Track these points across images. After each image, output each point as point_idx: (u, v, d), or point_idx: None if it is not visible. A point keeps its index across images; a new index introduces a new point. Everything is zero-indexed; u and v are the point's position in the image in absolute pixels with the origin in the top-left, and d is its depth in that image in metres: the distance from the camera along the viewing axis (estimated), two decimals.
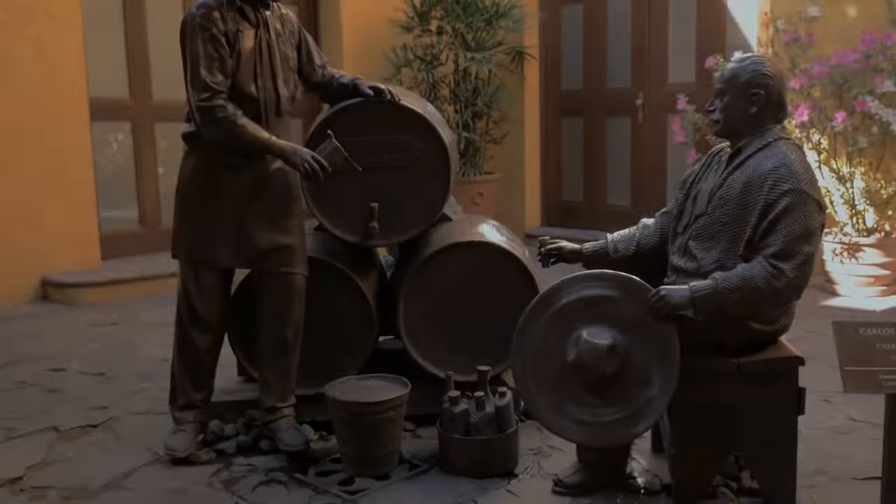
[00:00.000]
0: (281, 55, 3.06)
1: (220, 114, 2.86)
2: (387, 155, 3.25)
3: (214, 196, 3.02)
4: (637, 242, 2.96)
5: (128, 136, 6.57)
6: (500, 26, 7.28)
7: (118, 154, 6.60)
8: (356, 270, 3.36)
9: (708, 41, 6.68)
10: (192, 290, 3.08)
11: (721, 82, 2.69)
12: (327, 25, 7.54)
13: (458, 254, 3.30)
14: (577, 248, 3.02)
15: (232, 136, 2.89)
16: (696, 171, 2.86)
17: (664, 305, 2.47)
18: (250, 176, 3.03)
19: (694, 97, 6.19)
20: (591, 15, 7.50)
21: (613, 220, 7.46)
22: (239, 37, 2.92)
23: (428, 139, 3.25)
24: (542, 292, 2.69)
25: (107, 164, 6.53)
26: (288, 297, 3.11)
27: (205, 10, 2.88)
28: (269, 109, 3.02)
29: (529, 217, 7.98)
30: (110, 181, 6.50)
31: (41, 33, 5.73)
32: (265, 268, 3.10)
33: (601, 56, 7.48)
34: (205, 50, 2.86)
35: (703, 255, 2.63)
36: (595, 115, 7.60)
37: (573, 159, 7.88)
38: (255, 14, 2.99)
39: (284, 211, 3.10)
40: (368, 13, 7.48)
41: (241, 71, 2.92)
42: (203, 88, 2.85)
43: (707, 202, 2.66)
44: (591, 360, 2.51)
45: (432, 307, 3.33)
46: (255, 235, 3.06)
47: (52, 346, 4.71)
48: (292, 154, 2.94)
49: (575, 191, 7.90)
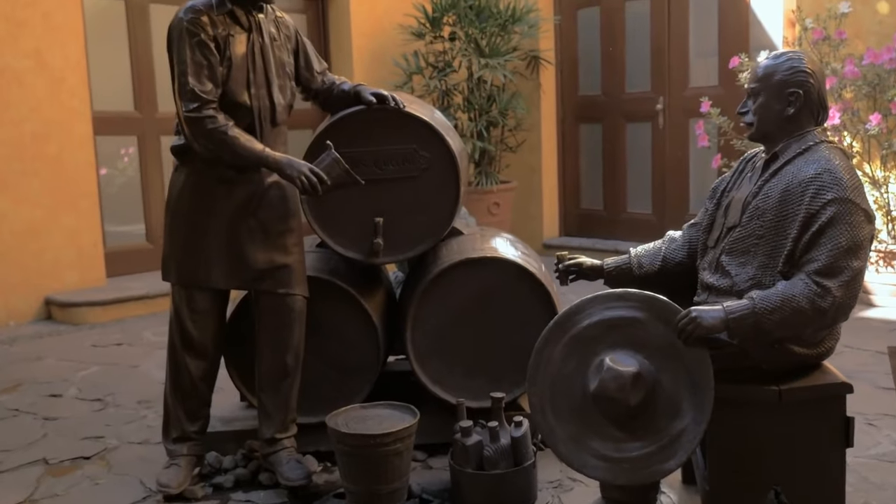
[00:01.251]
0: (276, 61, 2.85)
1: (209, 125, 2.66)
2: (391, 166, 3.04)
3: (206, 213, 2.82)
4: (663, 257, 2.71)
5: (134, 150, 6.41)
6: (515, 31, 7.07)
7: (127, 168, 6.43)
8: (361, 290, 3.14)
9: (731, 42, 6.42)
10: (184, 313, 2.88)
11: (754, 81, 2.45)
12: (336, 32, 7.36)
13: (470, 271, 3.08)
14: (597, 263, 2.78)
15: (223, 148, 2.68)
16: (728, 179, 2.62)
17: (695, 328, 2.23)
18: (244, 191, 2.82)
19: (717, 100, 5.93)
20: (608, 18, 7.27)
21: (634, 229, 7.23)
22: (230, 42, 2.72)
23: (435, 148, 3.03)
24: (559, 314, 2.45)
25: (114, 179, 6.37)
26: (287, 320, 2.90)
27: (192, 14, 2.68)
28: (263, 119, 2.81)
29: (547, 227, 7.74)
30: (118, 196, 6.34)
31: (40, 45, 5.58)
32: (262, 289, 2.90)
33: (619, 60, 7.24)
34: (192, 57, 2.66)
35: (738, 272, 2.38)
36: (614, 121, 7.36)
37: (592, 167, 7.64)
38: (248, 17, 2.79)
39: (282, 227, 2.89)
40: (378, 19, 7.30)
41: (232, 78, 2.72)
42: (191, 98, 2.65)
43: (741, 213, 2.42)
44: (614, 389, 2.27)
45: (442, 328, 3.11)
46: (251, 254, 2.85)
47: (52, 369, 4.54)
48: (288, 166, 2.73)
49: (594, 199, 7.65)
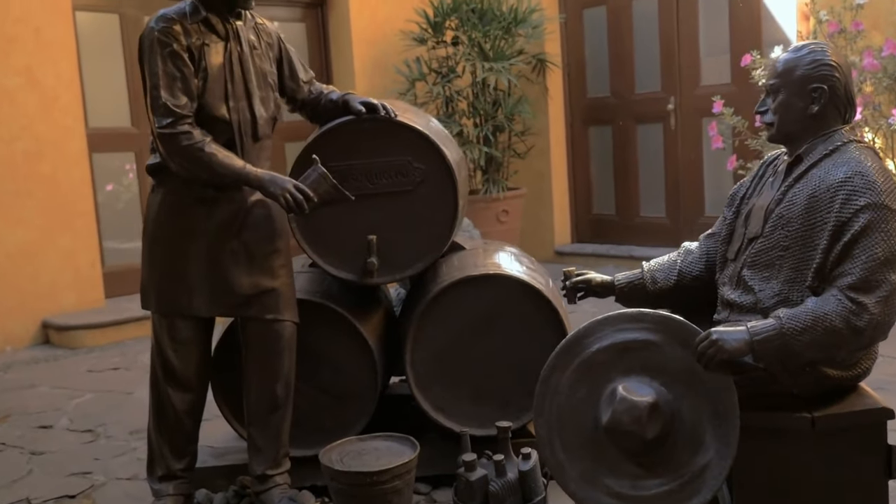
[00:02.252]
0: (256, 71, 2.66)
1: (184, 141, 2.47)
2: (384, 179, 2.84)
3: (186, 235, 2.63)
4: (678, 272, 2.50)
5: (132, 167, 6.25)
6: (520, 34, 6.87)
7: (130, 186, 6.27)
8: (356, 312, 2.94)
9: (743, 38, 6.20)
10: (165, 343, 2.69)
11: (773, 77, 2.23)
12: (337, 41, 7.19)
13: (471, 289, 2.88)
14: (607, 280, 2.57)
15: (199, 166, 2.50)
16: (748, 185, 2.40)
17: (717, 352, 2.01)
18: (226, 211, 2.63)
19: (730, 99, 5.70)
20: (615, 17, 7.05)
21: (648, 234, 7.00)
22: (205, 52, 2.53)
23: (430, 159, 2.83)
24: (566, 337, 2.24)
25: (114, 197, 6.21)
26: (275, 347, 2.71)
27: (164, 23, 2.50)
28: (244, 133, 2.62)
29: (558, 233, 7.52)
30: (118, 215, 6.18)
31: (32, 62, 5.43)
32: (248, 315, 2.70)
33: (628, 60, 7.02)
34: (165, 69, 2.47)
35: (762, 287, 2.17)
36: (624, 123, 7.14)
37: (603, 171, 7.42)
38: (224, 25, 2.60)
39: (267, 249, 2.70)
40: (379, 26, 7.12)
41: (208, 91, 2.53)
42: (164, 113, 2.47)
43: (763, 222, 2.20)
44: (629, 421, 2.06)
45: (444, 351, 2.90)
46: (235, 279, 2.66)
47: (44, 397, 4.37)
48: (271, 183, 2.53)
49: (606, 204, 7.43)
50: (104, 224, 5.96)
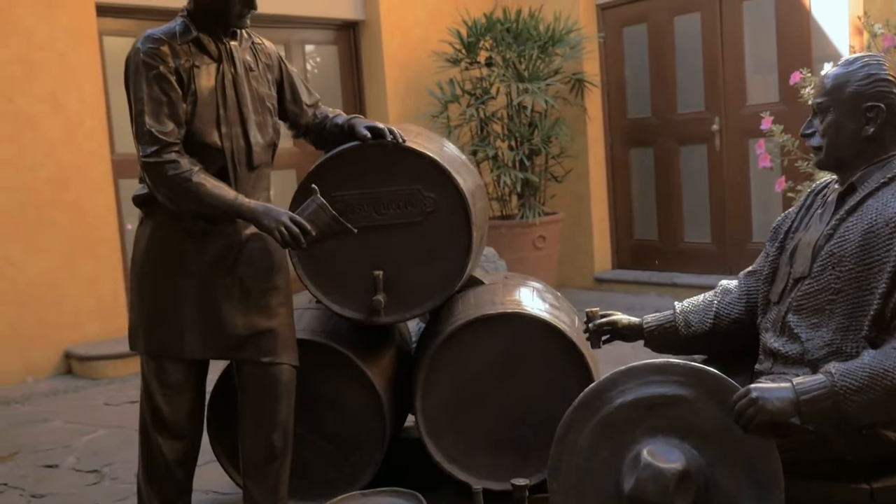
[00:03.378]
0: (253, 94, 2.47)
1: (170, 171, 2.28)
2: (392, 210, 2.62)
3: (176, 272, 2.43)
4: (715, 314, 2.22)
5: None
6: (556, 53, 6.64)
7: None
8: (364, 353, 2.72)
9: (791, 55, 5.88)
10: (154, 387, 2.49)
11: (822, 95, 1.96)
12: (369, 62, 7.04)
13: (488, 329, 2.64)
14: (635, 322, 2.31)
15: (187, 197, 2.30)
16: (793, 216, 2.13)
17: (757, 412, 1.74)
18: (219, 245, 2.43)
19: (778, 119, 5.38)
20: (656, 34, 6.78)
21: (693, 260, 6.67)
22: (195, 73, 2.34)
23: (442, 188, 2.61)
24: (586, 390, 1.99)
25: None
26: (272, 393, 2.49)
27: (150, 44, 2.32)
28: (237, 162, 2.42)
29: (598, 259, 7.22)
30: None
31: (56, 88, 5.35)
32: (243, 358, 2.49)
33: (670, 79, 6.73)
34: (150, 93, 2.29)
35: (810, 336, 1.89)
36: (666, 145, 6.84)
37: (644, 194, 7.11)
38: (217, 45, 2.41)
39: (265, 286, 2.49)
40: (413, 48, 6.95)
41: (198, 116, 2.34)
42: (149, 141, 2.28)
43: (811, 260, 1.93)
44: (654, 491, 1.79)
45: (457, 397, 2.67)
46: (228, 318, 2.45)
47: (56, 433, 4.22)
48: (265, 216, 2.33)
49: (648, 229, 7.12)
50: (129, 251, 5.84)
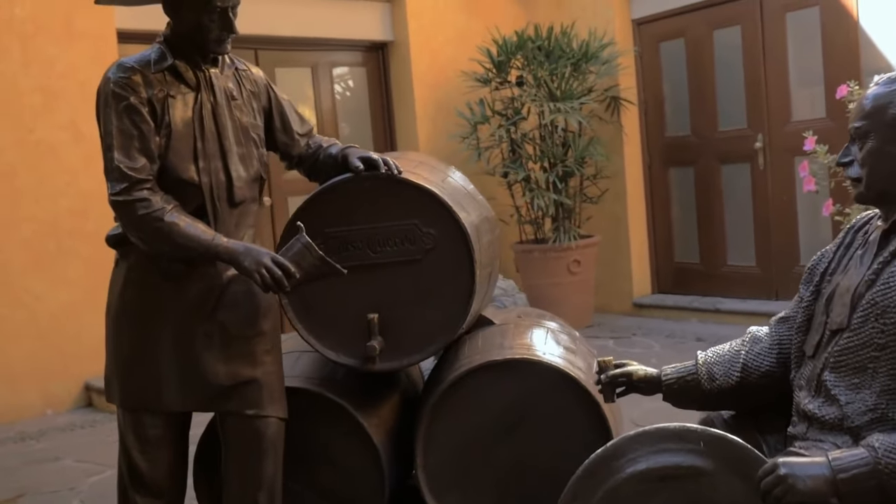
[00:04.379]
0: (235, 124, 2.28)
1: (140, 210, 2.10)
2: (389, 247, 2.41)
3: (152, 317, 2.26)
4: (742, 366, 1.96)
5: None
6: (591, 70, 6.40)
7: None
8: (361, 402, 2.51)
9: (838, 67, 5.55)
10: (131, 442, 2.31)
11: (861, 118, 1.71)
12: (398, 83, 6.88)
13: (495, 377, 2.41)
14: (652, 374, 2.06)
15: (159, 238, 2.13)
16: (830, 256, 1.86)
17: (787, 492, 1.48)
18: (198, 287, 2.25)
19: (825, 135, 5.06)
20: (694, 49, 6.49)
21: (737, 284, 6.34)
22: (169, 104, 2.17)
23: (442, 223, 2.39)
24: (590, 458, 1.74)
25: None
26: (258, 448, 2.29)
27: (122, 73, 2.15)
28: (217, 198, 2.24)
29: (637, 283, 6.92)
30: None
31: (77, 117, 5.27)
32: (226, 410, 2.30)
33: (710, 95, 6.43)
34: (119, 126, 2.12)
35: (850, 398, 1.62)
36: (707, 164, 6.53)
37: (685, 215, 6.80)
38: (195, 73, 2.24)
39: (248, 332, 2.30)
40: (442, 68, 6.77)
41: (172, 149, 2.17)
42: (118, 178, 2.11)
43: (850, 310, 1.66)
44: None
45: (462, 451, 2.44)
46: (209, 367, 2.26)
47: (64, 473, 4.09)
48: (244, 256, 2.14)
49: (689, 251, 6.80)
50: None
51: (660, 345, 5.82)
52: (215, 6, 2.15)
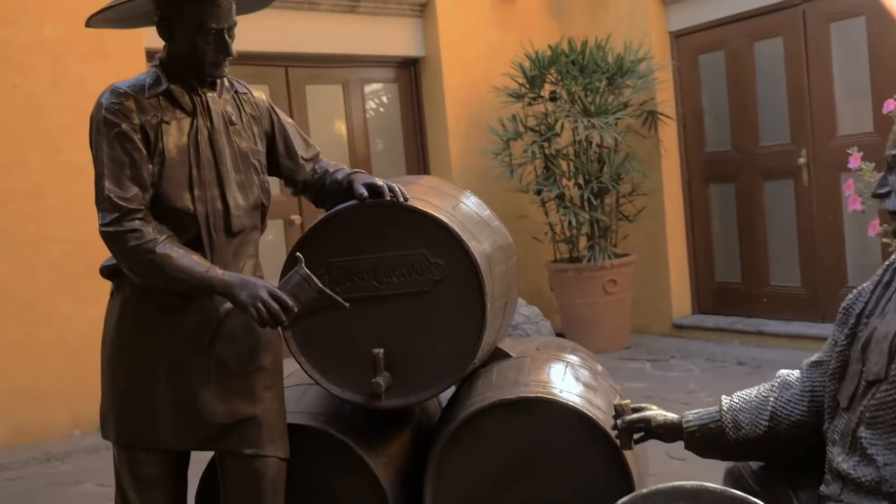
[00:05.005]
0: (233, 150, 2.19)
1: (131, 241, 2.02)
2: (395, 278, 2.29)
3: (148, 351, 2.16)
4: (771, 414, 1.79)
5: None
6: (627, 85, 6.23)
7: None
8: (368, 439, 2.38)
9: (886, 79, 5.30)
10: (126, 482, 2.21)
11: None
12: (430, 99, 6.79)
13: (508, 416, 2.27)
14: (672, 420, 1.90)
15: (150, 270, 2.03)
16: (867, 295, 1.69)
17: None
18: (194, 320, 2.15)
19: (872, 150, 4.82)
20: (734, 61, 6.28)
21: (781, 305, 6.10)
22: (163, 130, 2.08)
23: (451, 253, 2.25)
24: None
25: None
26: (257, 489, 2.18)
27: (114, 98, 2.07)
28: (213, 227, 2.14)
29: (677, 304, 6.70)
30: None
31: None
32: (224, 449, 2.20)
33: (751, 109, 6.21)
34: (111, 153, 2.04)
35: (888, 459, 1.45)
36: (749, 180, 6.31)
37: (726, 233, 6.58)
38: (191, 97, 2.14)
39: (248, 367, 2.19)
40: (475, 84, 6.66)
41: (166, 177, 2.08)
42: (109, 208, 2.03)
43: (888, 359, 1.50)
44: None
45: (474, 493, 2.30)
46: (206, 404, 2.16)
47: (83, 498, 4.09)
48: (240, 289, 2.04)
49: (730, 270, 6.56)
50: None
51: (699, 368, 5.61)
52: (209, 28, 2.06)
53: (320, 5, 6.20)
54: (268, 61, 6.10)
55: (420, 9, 6.66)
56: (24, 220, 4.95)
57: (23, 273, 4.96)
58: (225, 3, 2.06)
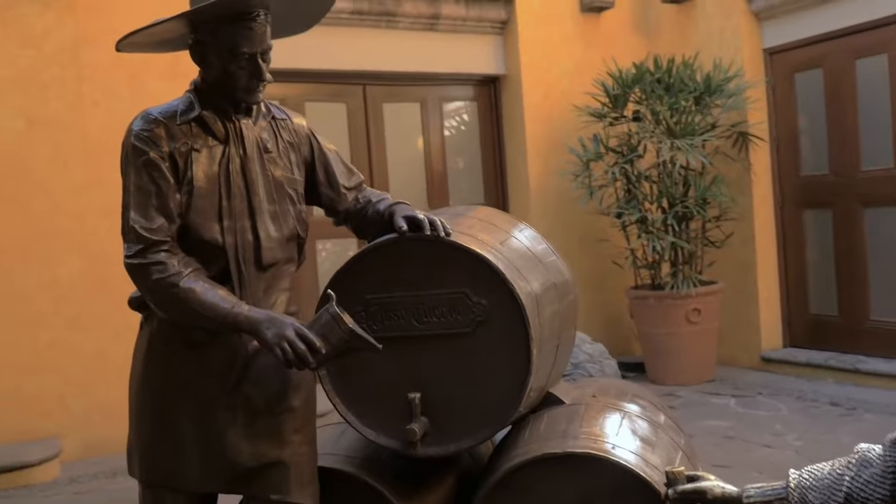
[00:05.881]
0: (267, 179, 2.08)
1: (154, 274, 1.92)
2: (435, 318, 2.13)
3: (174, 388, 2.07)
4: (846, 496, 1.56)
5: None
6: (716, 104, 5.93)
7: None
8: (406, 487, 2.22)
9: None
10: None
11: None
12: (509, 118, 6.63)
13: (553, 472, 2.07)
14: (731, 493, 1.68)
15: (174, 306, 1.94)
16: None
17: None
18: (219, 358, 2.04)
19: None
20: (834, 80, 5.90)
21: (882, 342, 5.67)
22: (193, 158, 1.99)
23: (496, 292, 2.08)
24: None
25: None
26: None
27: (144, 125, 1.99)
28: (243, 260, 2.03)
29: (767, 336, 6.32)
30: None
31: None
32: (250, 493, 2.08)
33: (851, 131, 5.82)
34: (138, 182, 1.95)
35: None
36: (848, 206, 5.90)
37: (822, 262, 6.17)
38: (224, 124, 2.05)
39: (277, 408, 2.07)
40: (555, 102, 6.47)
41: (194, 207, 1.98)
42: (134, 239, 1.94)
43: None
44: None
45: None
46: (231, 446, 2.05)
47: None
48: (267, 327, 1.92)
49: (826, 302, 6.15)
50: None
51: (788, 408, 5.25)
52: (242, 52, 1.95)
53: (399, 23, 6.13)
54: (345, 79, 6.07)
55: (501, 26, 6.52)
56: (102, 235, 5.02)
57: (100, 288, 5.02)
58: (258, 26, 1.95)
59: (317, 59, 5.81)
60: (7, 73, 4.78)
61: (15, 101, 4.82)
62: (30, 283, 4.94)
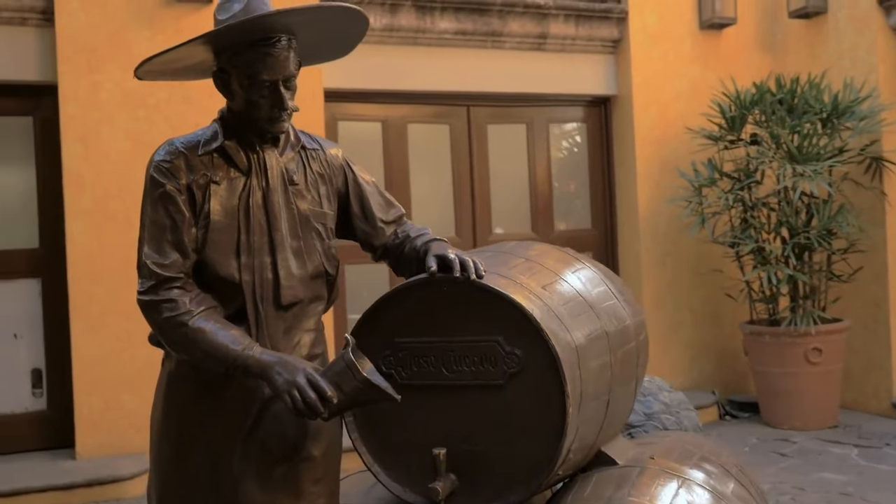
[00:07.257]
0: (291, 214, 1.96)
1: (165, 312, 1.84)
2: (465, 367, 1.95)
3: (189, 431, 1.98)
4: None
5: None
6: (847, 126, 5.46)
7: None
8: None
9: None
10: None
11: None
12: (620, 140, 6.35)
13: None
14: None
15: (183, 346, 1.85)
16: None
17: None
18: (234, 401, 1.94)
19: None
20: None
21: None
22: (211, 191, 1.90)
23: (530, 343, 1.88)
24: None
25: None
26: None
27: (165, 156, 1.92)
28: (261, 299, 1.92)
29: None
30: None
31: None
32: None
33: None
34: (154, 216, 1.88)
35: None
36: None
37: None
38: (247, 155, 1.95)
39: (295, 456, 1.95)
40: (669, 123, 6.15)
41: (211, 242, 1.89)
42: (146, 275, 1.87)
43: None
44: None
45: None
46: (245, 496, 1.93)
47: None
48: (276, 372, 1.80)
49: None
50: None
51: None
52: (262, 80, 1.85)
53: (505, 43, 5.98)
54: (449, 101, 5.97)
55: (612, 45, 6.26)
56: None
57: None
58: (279, 52, 1.85)
59: (419, 80, 5.74)
60: (115, 97, 4.94)
61: (122, 123, 4.97)
62: (133, 300, 5.06)
